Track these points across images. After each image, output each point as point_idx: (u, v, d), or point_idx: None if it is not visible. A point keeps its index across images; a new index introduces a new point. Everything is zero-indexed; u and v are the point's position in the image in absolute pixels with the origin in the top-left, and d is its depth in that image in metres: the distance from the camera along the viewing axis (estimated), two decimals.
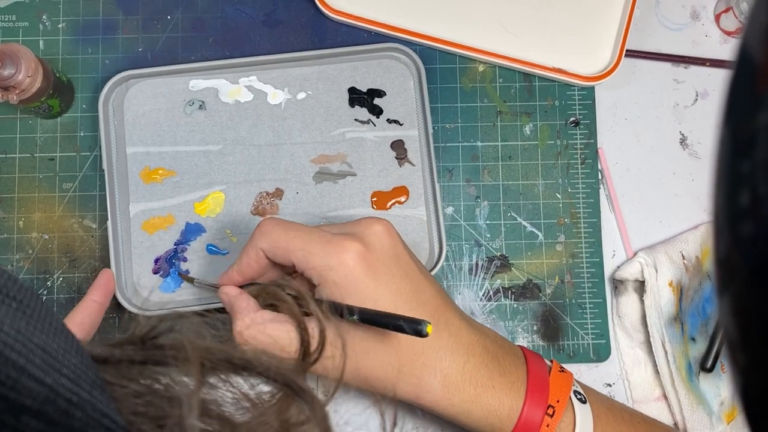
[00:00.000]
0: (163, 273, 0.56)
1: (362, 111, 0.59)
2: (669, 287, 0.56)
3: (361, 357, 0.44)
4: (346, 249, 0.43)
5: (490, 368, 0.45)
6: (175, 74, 0.58)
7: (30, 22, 0.59)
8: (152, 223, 0.57)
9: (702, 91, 0.61)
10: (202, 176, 0.58)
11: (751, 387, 0.19)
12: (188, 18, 0.60)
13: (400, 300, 0.44)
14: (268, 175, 0.58)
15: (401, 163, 0.58)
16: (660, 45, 0.61)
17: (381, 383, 0.45)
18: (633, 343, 0.57)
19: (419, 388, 0.45)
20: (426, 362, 0.44)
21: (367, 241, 0.44)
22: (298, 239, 0.44)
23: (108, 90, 0.57)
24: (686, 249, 0.57)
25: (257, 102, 0.58)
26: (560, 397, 0.45)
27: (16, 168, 0.58)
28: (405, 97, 0.59)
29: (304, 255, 0.43)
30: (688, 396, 0.55)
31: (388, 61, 0.59)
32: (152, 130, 0.58)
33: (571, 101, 0.60)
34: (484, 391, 0.45)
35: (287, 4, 0.60)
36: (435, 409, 0.46)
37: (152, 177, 0.58)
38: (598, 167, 0.60)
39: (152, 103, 0.58)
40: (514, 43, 0.59)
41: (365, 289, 0.43)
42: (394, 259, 0.44)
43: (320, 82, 0.59)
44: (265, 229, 0.45)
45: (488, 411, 0.45)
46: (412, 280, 0.45)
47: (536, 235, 0.59)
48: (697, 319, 0.58)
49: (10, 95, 0.52)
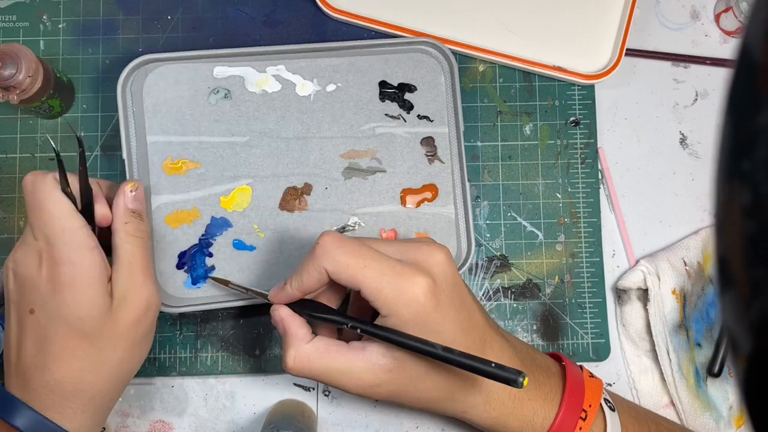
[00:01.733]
0: (188, 268, 0.55)
1: (393, 106, 0.58)
2: (672, 295, 0.56)
3: (418, 381, 0.45)
4: (418, 284, 0.43)
5: (527, 381, 0.47)
6: (197, 60, 0.56)
7: (30, 22, 0.60)
8: (175, 217, 0.56)
9: (702, 91, 0.61)
10: (228, 169, 0.56)
11: (752, 380, 0.19)
12: (188, 18, 0.60)
13: (459, 329, 0.45)
14: (297, 169, 0.56)
15: (431, 161, 0.57)
16: (660, 45, 0.61)
17: (432, 404, 0.47)
18: (639, 352, 0.58)
19: (465, 405, 0.47)
20: (474, 383, 0.46)
21: (434, 273, 0.44)
22: (369, 270, 0.43)
23: (126, 75, 0.55)
24: (688, 255, 0.57)
25: (285, 92, 0.57)
26: (592, 402, 0.47)
27: (17, 168, 0.58)
28: (435, 93, 0.58)
29: (375, 288, 0.43)
30: (692, 403, 0.56)
31: (419, 56, 0.58)
32: (174, 119, 0.56)
33: (571, 101, 0.60)
34: (521, 403, 0.47)
35: (287, 3, 0.60)
36: (475, 422, 0.48)
37: (175, 168, 0.56)
38: (598, 167, 0.60)
39: (174, 89, 0.56)
40: (515, 41, 0.59)
41: (432, 323, 0.43)
42: (454, 288, 0.45)
43: (350, 74, 0.57)
44: (329, 248, 0.44)
45: (524, 421, 0.47)
46: (466, 307, 0.46)
47: (536, 234, 0.59)
48: (701, 324, 0.58)
49: (10, 95, 0.52)
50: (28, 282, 0.45)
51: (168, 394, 0.57)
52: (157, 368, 0.57)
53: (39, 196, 0.45)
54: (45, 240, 0.44)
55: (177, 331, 0.57)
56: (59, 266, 0.44)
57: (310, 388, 0.57)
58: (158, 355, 0.57)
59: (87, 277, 0.44)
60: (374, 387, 0.44)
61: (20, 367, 0.45)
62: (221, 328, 0.57)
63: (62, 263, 0.44)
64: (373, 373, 0.44)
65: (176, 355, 0.57)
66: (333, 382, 0.45)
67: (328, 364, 0.44)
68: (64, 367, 0.44)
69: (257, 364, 0.57)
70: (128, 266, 0.46)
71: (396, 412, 0.57)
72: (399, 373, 0.44)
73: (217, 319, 0.57)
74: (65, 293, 0.44)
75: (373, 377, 0.44)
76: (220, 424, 0.57)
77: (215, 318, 0.57)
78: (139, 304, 0.46)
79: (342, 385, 0.45)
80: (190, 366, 0.57)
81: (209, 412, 0.57)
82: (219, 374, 0.57)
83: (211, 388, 0.57)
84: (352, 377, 0.44)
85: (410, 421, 0.57)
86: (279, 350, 0.57)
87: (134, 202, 0.48)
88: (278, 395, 0.57)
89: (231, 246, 0.56)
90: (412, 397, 0.46)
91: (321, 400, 0.57)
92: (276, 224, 0.56)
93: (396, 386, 0.44)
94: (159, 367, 0.57)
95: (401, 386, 0.44)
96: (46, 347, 0.44)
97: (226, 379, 0.57)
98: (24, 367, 0.45)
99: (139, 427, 0.56)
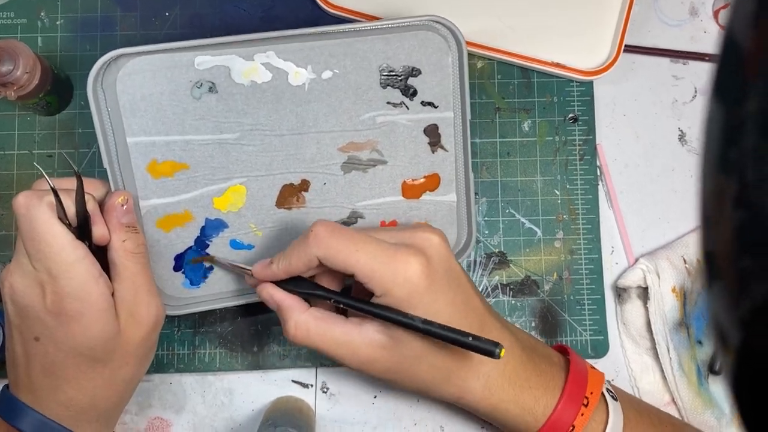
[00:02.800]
0: (186, 270, 0.54)
1: (395, 92, 0.54)
2: (672, 293, 0.56)
3: (414, 362, 0.45)
4: (411, 265, 0.43)
5: (528, 369, 0.47)
6: (175, 51, 0.51)
7: (28, 18, 0.59)
8: (167, 221, 0.54)
9: (701, 87, 0.61)
10: (219, 169, 0.53)
11: (741, 371, 0.19)
12: (186, 14, 0.60)
13: (455, 311, 0.45)
14: (293, 166, 0.54)
15: (434, 150, 0.55)
16: (658, 41, 0.61)
17: (428, 386, 0.46)
18: (640, 350, 0.57)
19: (462, 390, 0.46)
20: (471, 367, 0.46)
21: (428, 255, 0.44)
22: (361, 253, 0.44)
23: (97, 71, 0.50)
24: (687, 253, 0.57)
25: (277, 83, 0.53)
26: (594, 390, 0.47)
27: (15, 165, 0.58)
28: (441, 76, 0.54)
29: (368, 269, 0.43)
30: (694, 401, 0.55)
31: (424, 34, 0.53)
32: (155, 117, 0.52)
33: (570, 98, 0.60)
34: (522, 391, 0.47)
35: (285, 0, 0.60)
36: (474, 408, 0.48)
37: (161, 171, 0.53)
38: (597, 163, 0.60)
39: (151, 84, 0.52)
40: (514, 38, 0.59)
41: (426, 303, 0.44)
42: (449, 270, 0.45)
43: (348, 58, 0.53)
44: (321, 236, 0.44)
45: (524, 409, 0.47)
46: (463, 290, 0.46)
47: (534, 231, 0.59)
48: (702, 322, 0.58)
49: (8, 92, 0.52)
50: (31, 312, 0.43)
51: (166, 391, 0.57)
52: (155, 365, 0.56)
53: (35, 225, 0.43)
54: (47, 273, 0.43)
55: (175, 328, 0.57)
56: (65, 300, 0.43)
57: (309, 384, 0.57)
58: (156, 352, 0.56)
59: (95, 311, 0.43)
60: (371, 362, 0.45)
61: (31, 387, 0.45)
62: (219, 325, 0.57)
63: (68, 297, 0.43)
64: (370, 347, 0.44)
65: (174, 352, 0.57)
66: (332, 353, 0.45)
67: (326, 333, 0.45)
68: (77, 387, 0.45)
69: (255, 360, 0.57)
70: (132, 284, 0.46)
71: (394, 408, 0.57)
72: (394, 351, 0.44)
73: (215, 316, 0.57)
74: (73, 326, 0.43)
75: (369, 351, 0.44)
76: (218, 421, 0.57)
77: (213, 315, 0.57)
78: (147, 321, 0.46)
79: (340, 357, 0.45)
80: (188, 363, 0.57)
81: (207, 409, 0.57)
82: (217, 371, 0.57)
83: (209, 384, 0.57)
84: (349, 349, 0.45)
85: (408, 417, 0.57)
86: (277, 347, 0.57)
87: (127, 215, 0.46)
88: (276, 392, 0.57)
89: (228, 246, 0.54)
90: (407, 377, 0.46)
91: (319, 397, 0.57)
92: (274, 222, 0.55)
93: (391, 364, 0.45)
94: (157, 364, 0.56)
95: (396, 364, 0.45)
96: (56, 372, 0.44)
97: (224, 375, 0.57)
98: (35, 387, 0.45)
99: (137, 424, 0.56)
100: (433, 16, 0.53)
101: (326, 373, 0.57)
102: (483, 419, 0.51)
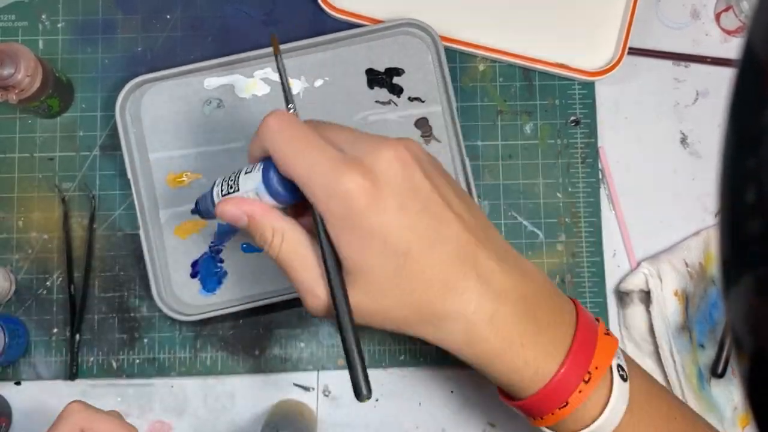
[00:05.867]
0: (201, 277, 0.56)
1: (382, 92, 0.58)
2: (674, 297, 0.56)
3: (379, 297, 0.39)
4: (351, 179, 0.37)
5: (523, 323, 0.40)
6: (188, 74, 0.57)
7: (29, 21, 0.59)
8: (184, 228, 0.57)
9: (702, 90, 0.61)
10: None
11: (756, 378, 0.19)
12: (188, 17, 0.60)
13: (414, 236, 0.38)
14: None
15: (427, 141, 0.58)
16: (660, 44, 0.61)
17: (400, 324, 0.40)
18: (642, 354, 0.57)
19: (441, 331, 0.40)
20: (448, 306, 0.39)
21: (376, 170, 0.38)
22: (302, 157, 0.38)
23: (123, 98, 0.56)
24: (689, 256, 0.57)
25: (275, 94, 0.58)
26: (600, 364, 0.41)
27: (16, 168, 0.58)
28: (424, 73, 0.58)
29: (306, 176, 0.38)
30: (696, 404, 0.55)
31: (403, 38, 0.58)
32: (172, 134, 0.57)
33: (572, 100, 0.60)
34: (511, 347, 0.40)
35: (287, 2, 0.60)
36: (458, 355, 0.41)
37: (178, 181, 0.57)
38: (599, 166, 0.59)
39: (169, 106, 0.57)
40: (516, 39, 0.59)
41: (369, 225, 0.37)
42: (409, 190, 0.38)
43: (336, 66, 0.58)
44: (270, 128, 0.39)
45: (512, 369, 0.40)
46: (431, 213, 0.39)
47: (536, 234, 0.59)
48: (704, 325, 0.58)
49: (9, 95, 0.52)
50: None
51: (167, 395, 0.57)
52: (157, 368, 0.56)
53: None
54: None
55: (176, 331, 0.57)
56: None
57: (310, 388, 0.57)
58: (157, 355, 0.57)
59: None
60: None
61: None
62: (221, 328, 0.57)
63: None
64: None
65: (176, 355, 0.57)
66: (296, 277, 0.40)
67: (299, 250, 0.40)
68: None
69: (257, 364, 0.57)
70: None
71: (396, 412, 0.57)
72: (362, 278, 0.39)
73: (216, 319, 0.57)
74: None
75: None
76: (219, 425, 0.57)
77: (215, 318, 0.57)
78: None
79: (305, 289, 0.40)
80: (189, 366, 0.57)
81: (209, 413, 0.57)
82: (218, 374, 0.57)
83: (210, 388, 0.57)
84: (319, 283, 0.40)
85: (410, 421, 0.57)
86: (279, 350, 0.57)
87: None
88: (278, 395, 0.57)
89: (240, 250, 0.57)
90: (378, 316, 0.40)
91: (321, 401, 0.57)
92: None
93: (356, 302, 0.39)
94: (158, 367, 0.56)
95: (364, 303, 0.40)
96: None
97: (226, 379, 0.57)
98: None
99: (138, 427, 0.56)
100: (410, 19, 0.57)
101: (328, 376, 0.57)
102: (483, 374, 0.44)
